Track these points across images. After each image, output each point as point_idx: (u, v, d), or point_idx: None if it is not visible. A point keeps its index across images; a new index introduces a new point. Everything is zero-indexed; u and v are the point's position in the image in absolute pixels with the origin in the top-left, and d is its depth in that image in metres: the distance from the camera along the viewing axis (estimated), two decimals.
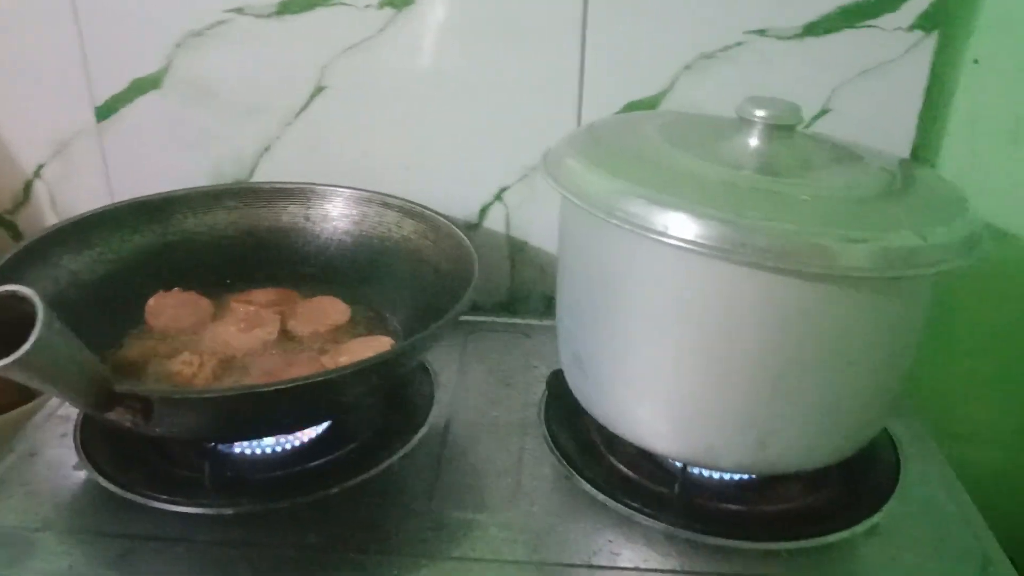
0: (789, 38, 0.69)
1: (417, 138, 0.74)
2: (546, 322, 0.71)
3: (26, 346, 0.38)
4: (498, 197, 0.76)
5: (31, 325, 0.39)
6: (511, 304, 0.81)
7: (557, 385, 0.62)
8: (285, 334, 0.65)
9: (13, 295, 0.40)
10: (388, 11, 0.70)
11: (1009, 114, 0.74)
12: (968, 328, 0.85)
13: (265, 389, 0.49)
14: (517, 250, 0.79)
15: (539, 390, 0.66)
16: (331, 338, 0.64)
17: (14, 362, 0.39)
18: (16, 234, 0.82)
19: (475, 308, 0.81)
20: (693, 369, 0.50)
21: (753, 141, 0.54)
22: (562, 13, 0.69)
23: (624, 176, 0.49)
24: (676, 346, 0.50)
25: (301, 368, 0.59)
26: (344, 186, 0.72)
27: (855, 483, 0.58)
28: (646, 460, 0.59)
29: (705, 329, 0.49)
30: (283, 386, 0.48)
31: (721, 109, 0.61)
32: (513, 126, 0.73)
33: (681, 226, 0.46)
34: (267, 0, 0.70)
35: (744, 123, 0.54)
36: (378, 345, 0.60)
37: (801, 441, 0.51)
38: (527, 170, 0.75)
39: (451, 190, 0.75)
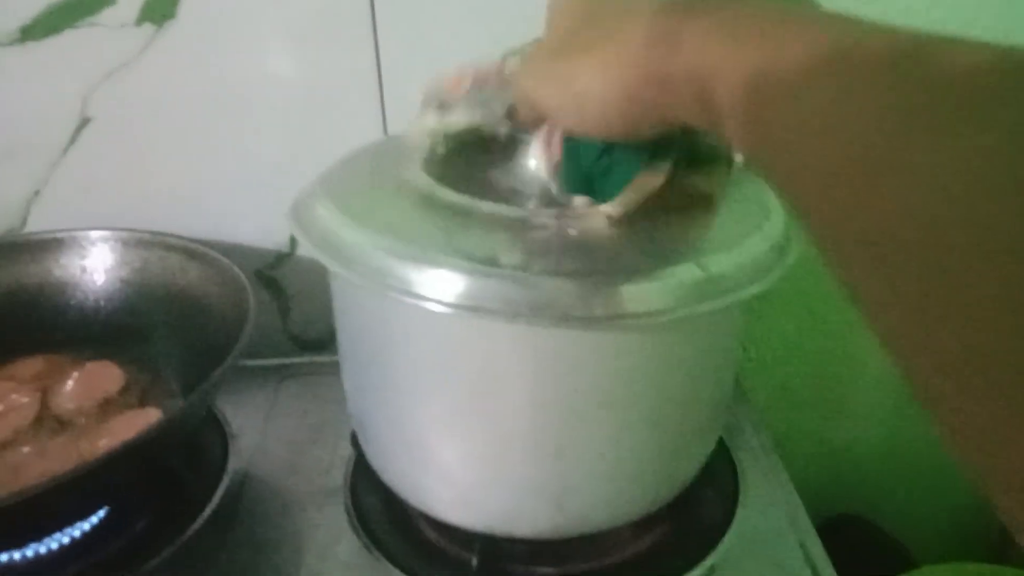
0: None
1: (205, 167, 0.66)
2: None
3: None
4: None
5: None
6: None
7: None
8: (48, 412, 0.56)
9: None
10: (148, 28, 0.62)
11: None
12: (835, 312, 0.81)
13: None
14: None
15: (349, 446, 0.59)
16: (98, 415, 0.56)
17: None
18: None
19: (300, 345, 0.74)
20: (468, 432, 0.44)
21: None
22: (349, 12, 0.61)
23: (370, 223, 0.42)
24: (447, 408, 0.44)
25: (52, 462, 0.51)
26: (121, 228, 0.64)
27: (689, 520, 0.53)
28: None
29: (472, 388, 0.42)
30: None
31: None
32: (314, 141, 0.64)
33: (424, 283, 0.39)
34: (5, 27, 0.61)
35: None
36: (142, 422, 0.53)
37: (603, 498, 0.45)
38: None
39: (253, 220, 0.68)
